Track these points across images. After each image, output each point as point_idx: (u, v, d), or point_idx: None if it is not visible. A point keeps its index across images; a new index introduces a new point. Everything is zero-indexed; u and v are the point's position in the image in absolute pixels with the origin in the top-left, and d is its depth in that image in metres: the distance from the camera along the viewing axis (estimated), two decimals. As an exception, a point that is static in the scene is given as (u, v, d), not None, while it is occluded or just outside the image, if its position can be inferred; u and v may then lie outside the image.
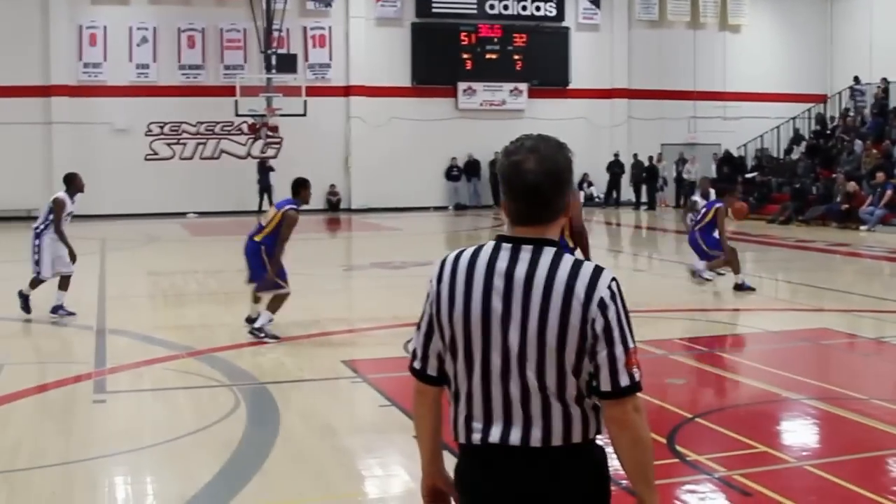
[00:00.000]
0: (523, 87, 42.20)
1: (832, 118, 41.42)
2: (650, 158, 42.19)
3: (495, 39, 41.77)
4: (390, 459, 8.15)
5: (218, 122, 38.84)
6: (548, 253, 3.27)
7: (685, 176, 41.96)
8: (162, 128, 38.67)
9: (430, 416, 3.56)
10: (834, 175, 34.07)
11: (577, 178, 42.60)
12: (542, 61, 42.03)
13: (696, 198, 19.39)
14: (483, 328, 3.28)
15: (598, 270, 3.26)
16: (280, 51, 37.13)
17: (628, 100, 43.77)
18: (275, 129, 37.85)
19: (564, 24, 42.84)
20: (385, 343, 12.88)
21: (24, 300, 15.02)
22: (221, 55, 39.16)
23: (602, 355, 3.22)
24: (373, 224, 34.62)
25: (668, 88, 43.82)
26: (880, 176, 31.43)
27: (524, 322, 3.22)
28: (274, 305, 13.13)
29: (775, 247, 26.08)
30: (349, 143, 40.42)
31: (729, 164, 41.20)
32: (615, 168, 42.63)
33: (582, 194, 42.57)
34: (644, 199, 41.88)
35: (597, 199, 42.76)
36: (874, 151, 34.08)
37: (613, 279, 3.27)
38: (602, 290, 3.22)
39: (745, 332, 14.06)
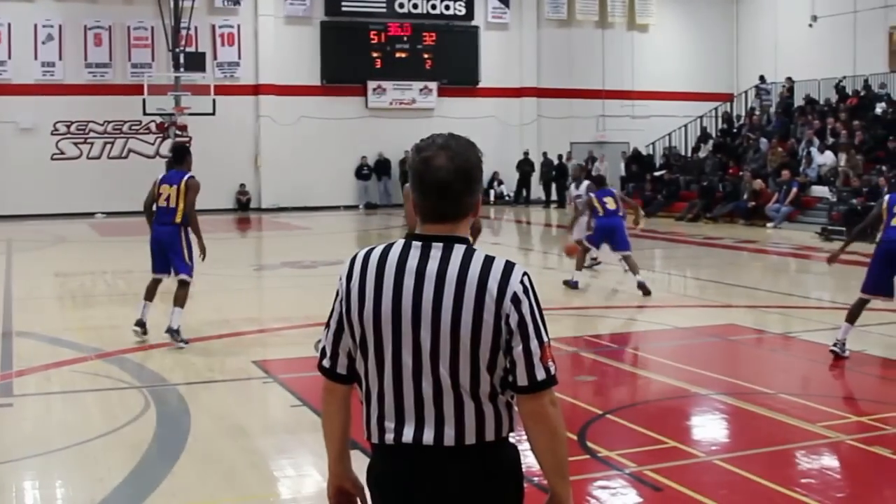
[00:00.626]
0: (433, 85, 42.24)
1: (738, 117, 42.00)
2: (560, 157, 42.47)
3: (405, 38, 41.74)
4: (302, 460, 8.12)
5: (126, 121, 38.35)
6: (459, 250, 3.26)
7: (594, 174, 42.24)
8: (69, 127, 38.09)
9: (338, 416, 3.53)
10: (741, 173, 34.57)
11: (487, 176, 42.75)
12: (451, 60, 42.10)
13: (575, 190, 19.68)
14: (394, 327, 3.27)
15: (509, 266, 3.26)
16: (188, 49, 36.78)
17: (538, 98, 44.00)
18: (184, 127, 37.42)
19: (474, 22, 42.94)
20: (296, 343, 12.82)
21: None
22: (129, 53, 38.65)
23: (517, 350, 3.21)
24: (283, 223, 34.44)
25: (577, 87, 44.14)
26: (786, 174, 31.95)
27: (436, 320, 3.21)
28: (183, 298, 12.72)
29: (683, 244, 26.39)
30: (259, 141, 40.16)
31: (637, 163, 41.62)
32: (525, 166, 42.85)
33: (492, 192, 42.77)
34: (554, 196, 42.12)
35: (507, 198, 42.95)
36: (779, 149, 34.65)
37: (525, 274, 3.27)
38: (515, 286, 3.22)
39: (654, 329, 14.19)
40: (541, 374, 3.23)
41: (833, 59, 38.87)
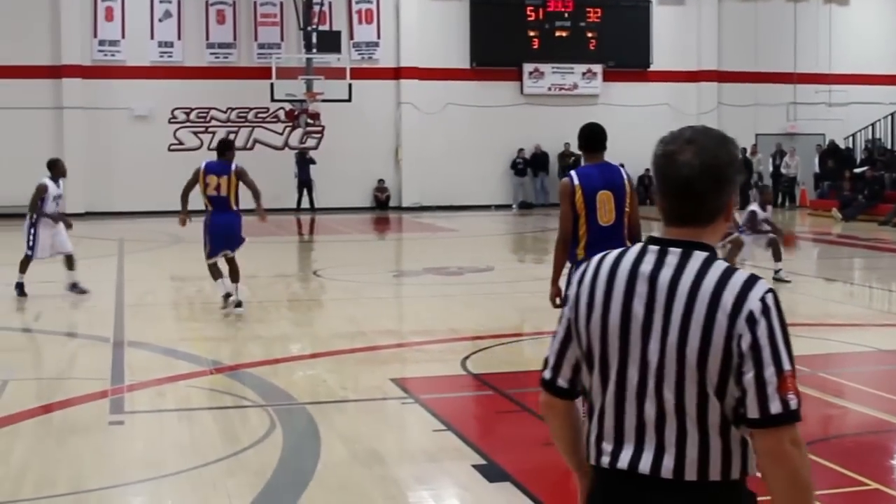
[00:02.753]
0: (598, 69, 42.07)
1: (956, 103, 41.00)
2: (743, 151, 41.94)
3: (566, 15, 41.68)
4: (444, 492, 8.14)
5: (251, 109, 39.05)
6: (697, 258, 3.28)
7: (784, 171, 41.70)
8: (188, 114, 38.92)
9: (563, 433, 3.63)
10: (957, 170, 33.73)
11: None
12: (619, 40, 41.86)
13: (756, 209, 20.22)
14: (621, 338, 3.32)
15: (751, 280, 3.24)
16: (322, 27, 37.32)
17: (718, 83, 43.52)
18: (316, 116, 37.95)
19: (645, -3, 42.70)
20: (439, 359, 12.86)
21: (20, 287, 17.52)
22: (255, 32, 39.36)
23: (748, 377, 3.18)
24: (426, 224, 34.63)
25: (764, 70, 43.53)
26: None
27: (664, 334, 3.25)
28: (237, 272, 15.85)
29: (888, 252, 25.82)
30: (400, 132, 40.47)
31: (834, 158, 40.87)
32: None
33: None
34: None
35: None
36: None
37: (770, 291, 3.24)
38: (752, 303, 3.19)
39: (852, 351, 13.92)
40: (775, 408, 3.17)
41: None
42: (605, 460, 3.35)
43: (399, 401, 10.88)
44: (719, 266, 3.26)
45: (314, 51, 36.23)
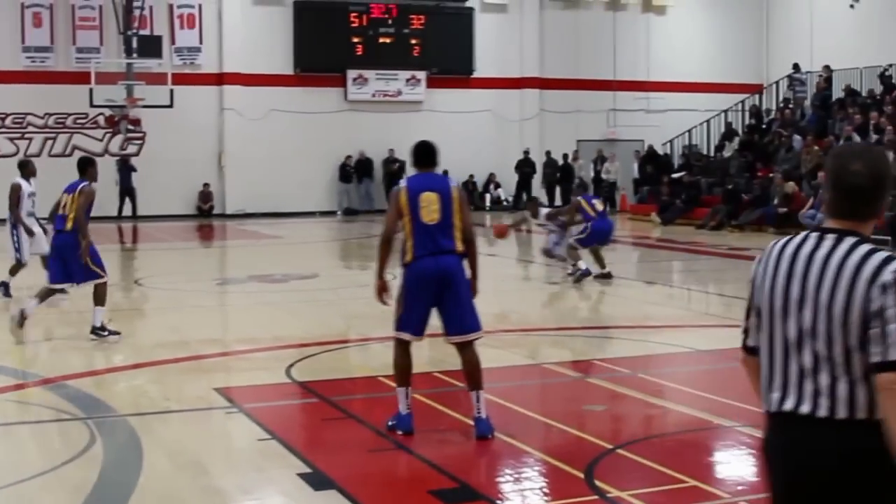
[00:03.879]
0: (422, 75, 42.31)
1: (768, 111, 42.10)
2: (565, 156, 42.56)
3: (389, 21, 41.83)
4: (269, 501, 8.11)
5: (70, 114, 38.38)
6: (848, 241, 4.13)
7: (604, 176, 42.39)
8: (3, 120, 38.11)
9: (755, 382, 4.45)
10: (771, 174, 34.60)
11: (482, 178, 42.84)
12: (442, 46, 42.14)
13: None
14: (784, 305, 4.19)
15: (889, 259, 4.05)
16: (142, 32, 36.84)
17: (540, 90, 44.09)
18: (137, 122, 37.49)
19: (468, 4, 43.02)
20: (264, 368, 12.79)
21: (5, 287, 18.51)
22: (74, 36, 38.68)
23: (876, 332, 3.98)
24: (250, 231, 34.44)
25: (585, 77, 44.22)
26: (822, 175, 31.96)
27: (816, 299, 4.10)
28: (102, 297, 14.43)
29: (705, 255, 26.40)
30: (223, 138, 40.17)
31: (653, 163, 41.68)
32: (525, 167, 42.89)
33: (488, 196, 42.83)
34: (558, 201, 42.12)
35: (505, 202, 42.99)
36: (815, 148, 34.62)
37: None
38: (886, 275, 4.01)
39: (672, 352, 14.19)
40: (894, 355, 3.95)
41: (877, 45, 38.88)
42: (775, 405, 4.21)
43: (223, 410, 10.80)
44: (865, 247, 4.10)
45: (134, 55, 35.79)
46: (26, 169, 18.89)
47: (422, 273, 9.35)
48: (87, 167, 15.53)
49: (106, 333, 14.30)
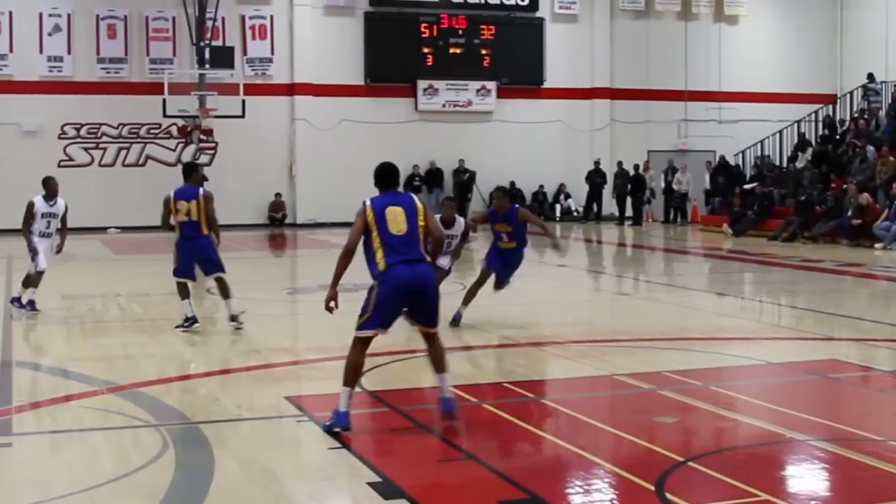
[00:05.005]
0: (492, 85, 42.35)
1: (842, 121, 41.68)
2: (636, 167, 42.38)
3: (460, 31, 41.90)
4: (340, 510, 8.13)
5: (143, 124, 38.77)
6: None
7: (675, 187, 42.19)
8: (78, 130, 38.53)
9: None
10: (844, 186, 34.28)
11: (552, 188, 42.75)
12: (513, 57, 42.18)
13: None
14: None
15: None
16: (215, 43, 37.15)
17: (611, 100, 44.00)
18: (209, 132, 37.77)
19: (538, 14, 43.02)
20: (334, 377, 12.73)
21: (31, 303, 18.16)
22: (147, 47, 39.07)
23: None
24: (321, 241, 34.54)
25: (656, 88, 44.09)
26: (896, 187, 31.68)
27: None
28: (228, 289, 16.27)
29: (778, 267, 26.19)
30: (294, 148, 40.38)
31: (725, 174, 41.43)
32: (596, 178, 42.78)
33: (558, 207, 42.74)
34: (629, 212, 42.00)
35: (575, 213, 42.90)
36: (891, 159, 34.28)
37: None
38: None
39: (743, 364, 14.09)
40: None
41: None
42: None
43: (294, 419, 10.83)
44: None
45: (207, 66, 36.06)
46: (47, 186, 18.53)
47: (398, 279, 10.11)
48: (192, 172, 16.49)
49: (241, 323, 16.01)
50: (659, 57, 44.25)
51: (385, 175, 10.47)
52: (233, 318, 16.13)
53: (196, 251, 16.05)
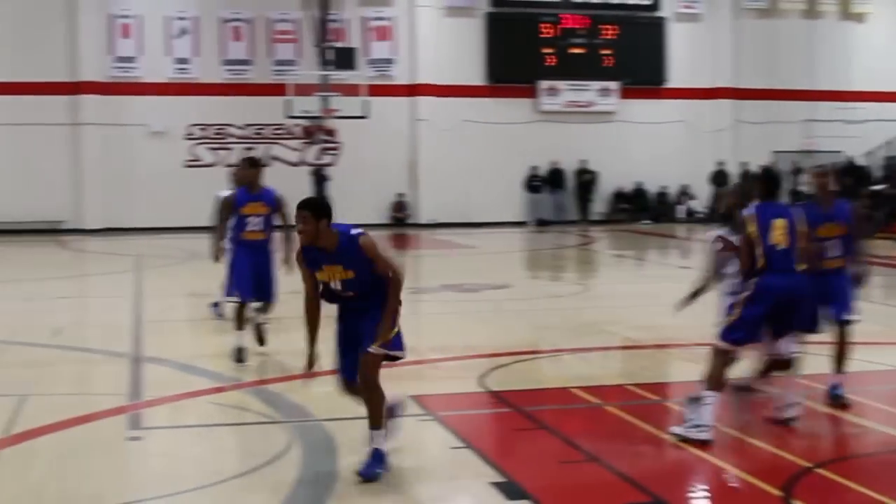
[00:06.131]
0: (614, 85, 42.13)
1: (975, 121, 40.88)
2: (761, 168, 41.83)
3: (581, 32, 41.76)
4: (463, 509, 8.16)
5: (267, 125, 39.16)
6: None
7: (802, 188, 41.59)
8: (204, 130, 39.04)
9: None
10: (976, 187, 33.64)
11: (674, 189, 42.44)
12: (635, 57, 41.93)
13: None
14: None
15: None
16: (337, 44, 37.39)
17: (734, 100, 43.49)
18: (332, 132, 38.06)
19: (660, 13, 42.72)
20: (457, 376, 12.86)
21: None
22: (271, 49, 39.50)
23: None
24: (443, 241, 34.67)
25: (781, 87, 43.48)
26: None
27: None
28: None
29: (906, 270, 25.79)
30: (416, 148, 40.52)
31: (853, 175, 40.80)
32: (719, 179, 42.33)
33: (681, 209, 42.40)
34: (753, 214, 41.47)
35: (698, 215, 42.51)
36: None
37: None
38: None
39: (871, 369, 13.87)
40: None
41: None
42: None
43: (417, 418, 10.87)
44: None
45: (330, 67, 36.31)
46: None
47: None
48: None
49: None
50: (783, 56, 43.66)
51: (324, 209, 9.81)
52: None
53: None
